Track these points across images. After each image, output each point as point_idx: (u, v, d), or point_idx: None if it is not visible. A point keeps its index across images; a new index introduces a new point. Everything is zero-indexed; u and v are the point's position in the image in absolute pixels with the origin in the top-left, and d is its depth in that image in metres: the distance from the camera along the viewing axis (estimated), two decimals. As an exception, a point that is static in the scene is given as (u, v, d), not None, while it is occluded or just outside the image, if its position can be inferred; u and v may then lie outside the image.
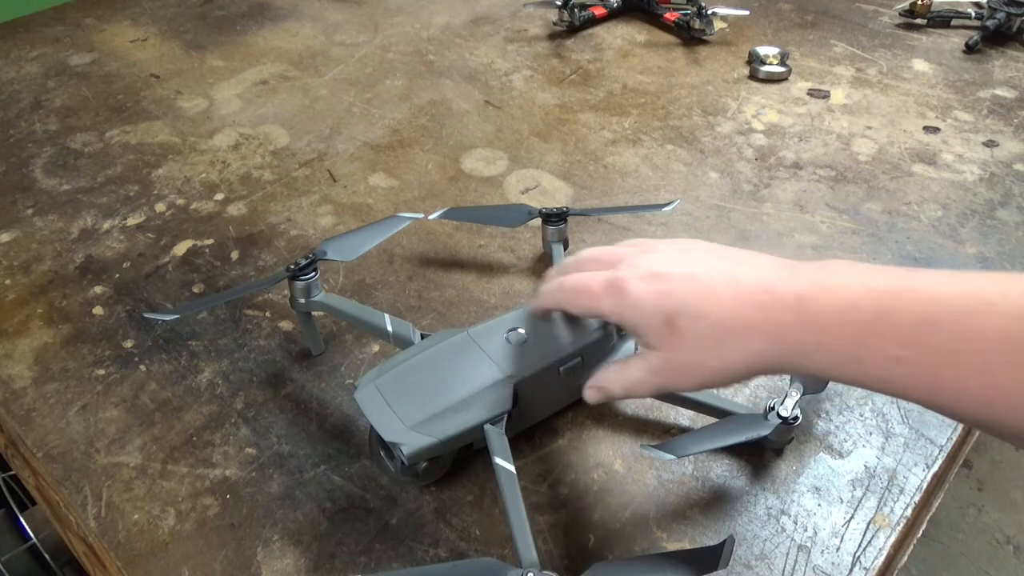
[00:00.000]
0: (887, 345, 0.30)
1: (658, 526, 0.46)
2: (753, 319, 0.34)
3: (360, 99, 0.87)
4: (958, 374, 0.28)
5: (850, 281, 0.32)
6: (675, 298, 0.37)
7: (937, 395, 0.30)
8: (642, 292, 0.38)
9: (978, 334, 0.28)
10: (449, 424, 0.43)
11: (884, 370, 0.31)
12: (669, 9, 1.01)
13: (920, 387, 0.30)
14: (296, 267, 0.53)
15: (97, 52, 0.98)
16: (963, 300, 0.29)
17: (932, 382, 0.29)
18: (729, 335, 0.35)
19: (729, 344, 0.35)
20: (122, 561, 0.45)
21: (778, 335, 0.34)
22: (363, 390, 0.45)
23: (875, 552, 0.44)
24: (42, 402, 0.54)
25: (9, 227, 0.70)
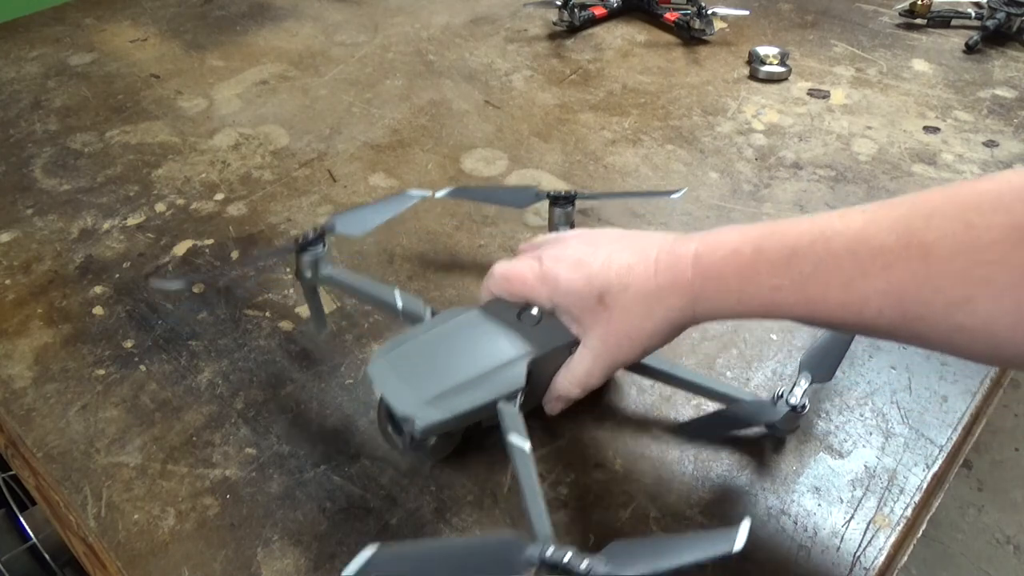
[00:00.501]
0: (766, 278, 0.37)
1: (658, 526, 0.46)
2: (664, 281, 0.41)
3: (360, 99, 0.88)
4: (824, 289, 0.35)
5: (732, 235, 0.39)
6: (600, 279, 0.43)
7: (813, 310, 0.36)
8: (571, 280, 0.44)
9: (830, 254, 0.35)
10: (463, 400, 0.43)
11: (768, 299, 0.37)
12: (669, 9, 1.01)
13: (798, 306, 0.36)
14: (304, 240, 0.52)
15: (97, 52, 0.98)
16: (816, 231, 0.36)
17: (805, 300, 0.36)
18: (651, 299, 0.41)
19: (653, 306, 0.41)
20: (122, 561, 0.45)
21: (685, 290, 0.40)
22: (376, 363, 0.45)
23: (875, 552, 0.44)
24: (42, 402, 0.54)
25: (9, 227, 0.70)
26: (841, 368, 0.55)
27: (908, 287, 0.32)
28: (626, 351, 0.43)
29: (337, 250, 0.66)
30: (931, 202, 0.33)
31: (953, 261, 0.31)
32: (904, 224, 0.33)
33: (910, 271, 0.32)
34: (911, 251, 0.32)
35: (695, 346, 0.56)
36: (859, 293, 0.34)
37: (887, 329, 0.34)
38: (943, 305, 0.32)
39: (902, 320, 0.33)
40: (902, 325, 0.33)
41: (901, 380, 0.54)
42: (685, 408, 0.52)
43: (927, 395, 0.53)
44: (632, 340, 0.43)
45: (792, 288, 0.36)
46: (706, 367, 0.55)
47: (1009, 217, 0.30)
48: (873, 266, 0.33)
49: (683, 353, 0.56)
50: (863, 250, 0.34)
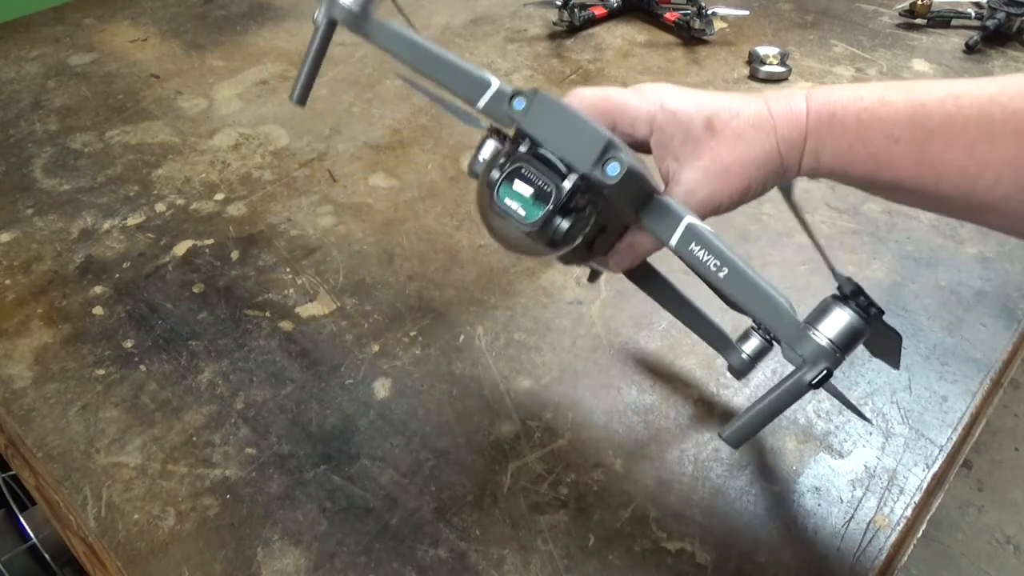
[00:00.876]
0: (886, 126, 0.35)
1: (658, 526, 0.46)
2: (779, 112, 0.38)
3: (360, 99, 0.87)
4: (944, 150, 0.33)
5: (848, 86, 0.37)
6: (709, 105, 0.39)
7: (925, 172, 0.34)
8: (680, 100, 0.39)
9: (960, 112, 0.33)
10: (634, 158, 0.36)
11: (882, 150, 0.35)
12: (669, 9, 1.01)
13: (911, 164, 0.34)
14: None
15: (97, 52, 0.98)
16: (946, 89, 0.34)
17: (921, 159, 0.34)
18: (766, 126, 0.38)
19: (765, 132, 0.38)
20: (122, 561, 0.45)
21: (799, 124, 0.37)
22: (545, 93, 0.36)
23: (875, 552, 0.44)
24: (42, 402, 0.54)
25: (9, 227, 0.70)
26: (841, 368, 0.55)
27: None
28: (727, 186, 0.39)
29: (337, 250, 0.66)
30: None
31: None
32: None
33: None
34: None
35: (695, 346, 0.56)
36: (981, 158, 0.32)
37: (995, 203, 0.33)
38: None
39: (1017, 193, 0.32)
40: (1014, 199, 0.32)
41: (901, 380, 0.54)
42: (684, 407, 0.52)
43: (927, 395, 0.53)
44: (743, 169, 0.38)
45: (910, 143, 0.34)
46: (706, 367, 0.55)
47: None
48: (1004, 130, 0.31)
49: (683, 353, 0.56)
50: (997, 113, 0.32)
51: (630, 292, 0.52)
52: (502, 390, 0.54)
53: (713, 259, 0.37)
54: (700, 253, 0.37)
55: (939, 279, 0.62)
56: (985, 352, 0.56)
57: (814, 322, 0.37)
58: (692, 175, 0.39)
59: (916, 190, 0.35)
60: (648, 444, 0.50)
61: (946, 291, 0.61)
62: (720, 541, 0.45)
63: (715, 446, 0.50)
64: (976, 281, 0.62)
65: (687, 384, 0.54)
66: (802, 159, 0.38)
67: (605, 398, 0.53)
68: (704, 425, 0.51)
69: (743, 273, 0.37)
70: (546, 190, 0.35)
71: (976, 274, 0.62)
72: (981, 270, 0.63)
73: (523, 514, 0.46)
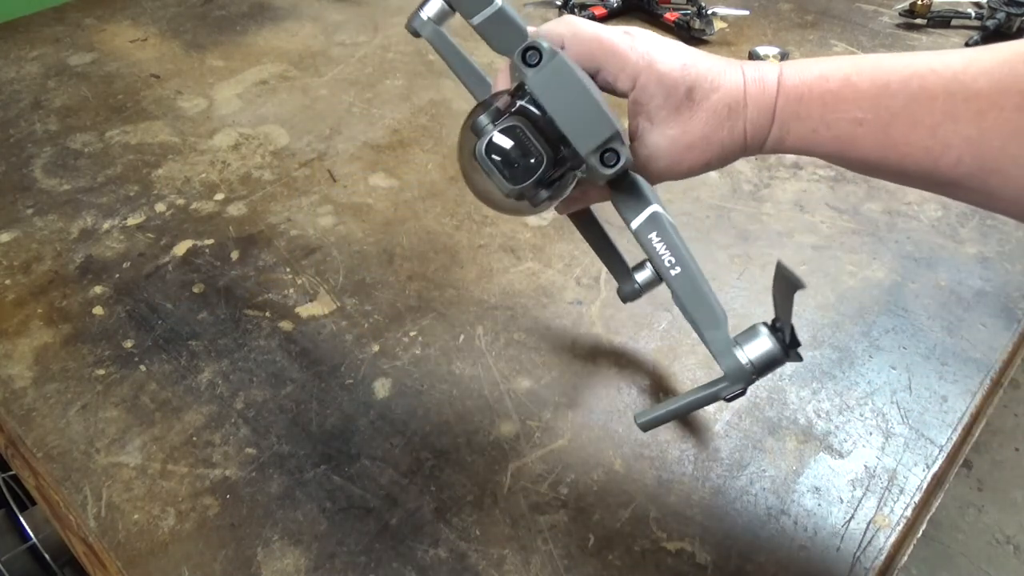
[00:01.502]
0: (851, 109, 0.35)
1: (658, 526, 0.46)
2: (752, 92, 0.38)
3: (360, 99, 0.87)
4: (908, 130, 0.33)
5: (818, 62, 0.37)
6: (694, 71, 0.38)
7: (888, 152, 0.34)
8: (669, 63, 0.38)
9: (925, 92, 0.33)
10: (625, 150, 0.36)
11: (847, 132, 0.35)
12: (669, 9, 1.01)
13: (875, 145, 0.35)
14: None
15: (97, 52, 0.98)
16: (911, 68, 0.34)
17: (885, 139, 0.34)
18: (737, 108, 0.38)
19: (737, 116, 0.38)
20: (122, 561, 0.45)
21: (768, 106, 0.37)
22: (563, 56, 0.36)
23: (875, 552, 0.44)
24: (42, 402, 0.54)
25: (9, 227, 0.70)
26: (841, 368, 0.55)
27: (996, 137, 0.31)
28: (690, 160, 0.39)
29: (337, 250, 0.66)
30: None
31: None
32: (1008, 69, 0.31)
33: (1003, 120, 0.31)
34: (1009, 99, 0.31)
35: (695, 346, 0.56)
36: (944, 139, 0.32)
37: (957, 180, 0.33)
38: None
39: (978, 172, 0.32)
40: (975, 177, 0.32)
41: (901, 380, 0.54)
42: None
43: (927, 395, 0.53)
44: (706, 147, 0.39)
45: (874, 124, 0.34)
46: (706, 367, 0.55)
47: None
48: (966, 110, 0.32)
49: (683, 353, 0.56)
50: (960, 92, 0.32)
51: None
52: (502, 390, 0.54)
53: (669, 254, 0.37)
54: (658, 244, 0.38)
55: (939, 279, 0.62)
56: (985, 352, 0.56)
57: (742, 342, 0.38)
58: (659, 141, 0.39)
59: (880, 168, 0.36)
60: (648, 444, 0.50)
61: (946, 291, 0.61)
62: (720, 541, 0.45)
63: (715, 446, 0.50)
64: (976, 281, 0.62)
65: (686, 384, 0.54)
66: (765, 143, 0.38)
67: (605, 398, 0.53)
68: (704, 425, 0.51)
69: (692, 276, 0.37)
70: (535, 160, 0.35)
71: (976, 274, 0.62)
72: (981, 270, 0.63)
73: (523, 514, 0.46)
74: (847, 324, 0.58)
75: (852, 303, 0.60)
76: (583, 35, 0.39)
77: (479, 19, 0.40)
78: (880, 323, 0.59)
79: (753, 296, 0.61)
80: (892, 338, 0.57)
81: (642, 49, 0.39)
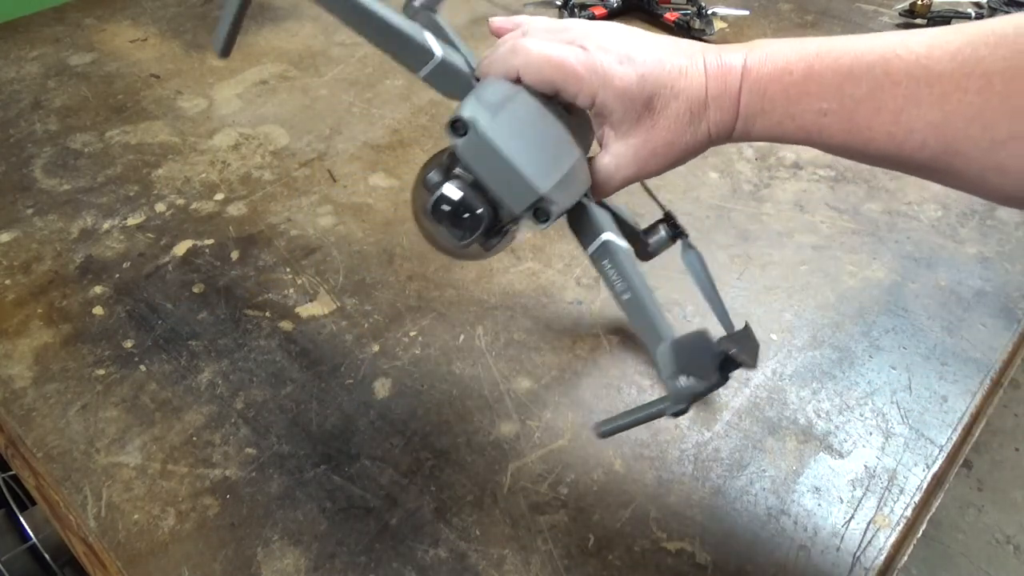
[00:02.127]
0: (815, 100, 0.35)
1: (658, 526, 0.46)
2: (714, 91, 0.37)
3: (360, 99, 0.87)
4: (873, 116, 0.33)
5: (782, 48, 0.37)
6: (652, 80, 0.38)
7: (854, 138, 0.35)
8: (624, 78, 0.38)
9: (888, 78, 0.33)
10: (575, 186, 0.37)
11: (813, 123, 0.35)
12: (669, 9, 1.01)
13: (842, 133, 0.35)
14: None
15: (97, 52, 0.98)
16: (877, 53, 0.34)
17: (851, 126, 0.34)
18: (700, 110, 0.38)
19: (699, 121, 0.38)
20: (122, 561, 0.45)
21: (733, 104, 0.37)
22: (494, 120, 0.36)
23: (875, 552, 0.44)
24: (42, 402, 0.54)
25: (9, 227, 0.70)
26: (841, 368, 0.55)
27: (958, 120, 0.31)
28: (654, 165, 0.40)
29: (337, 250, 0.66)
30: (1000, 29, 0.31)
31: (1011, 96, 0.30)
32: (970, 52, 0.31)
33: (965, 103, 0.31)
34: (970, 81, 0.31)
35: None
36: (907, 124, 0.33)
37: (922, 163, 0.33)
38: (989, 142, 0.31)
39: (942, 155, 0.32)
40: (940, 160, 0.33)
41: (901, 380, 0.54)
42: (685, 408, 0.52)
43: (927, 395, 0.53)
44: (667, 154, 0.39)
45: (840, 113, 0.34)
46: (706, 367, 0.55)
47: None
48: (929, 94, 0.32)
49: (683, 353, 0.56)
50: (923, 76, 0.32)
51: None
52: (502, 390, 0.54)
53: (619, 280, 0.38)
54: (610, 270, 0.38)
55: (939, 279, 0.62)
56: (985, 352, 0.56)
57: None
58: (623, 150, 0.39)
59: (846, 152, 0.36)
60: (648, 444, 0.50)
61: (946, 291, 0.61)
62: (720, 541, 0.45)
63: (715, 446, 0.50)
64: (976, 281, 0.62)
65: (687, 384, 0.54)
66: (731, 136, 0.38)
67: (605, 398, 0.53)
68: (704, 425, 0.51)
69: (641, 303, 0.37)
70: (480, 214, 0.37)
71: (976, 274, 0.62)
72: (981, 270, 0.63)
73: (523, 514, 0.46)
74: (847, 324, 0.59)
75: (852, 303, 0.60)
76: (533, 61, 0.38)
77: (424, 72, 0.40)
78: (880, 323, 0.59)
79: (753, 296, 0.61)
80: (892, 338, 0.57)
81: (597, 63, 0.38)
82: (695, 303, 0.59)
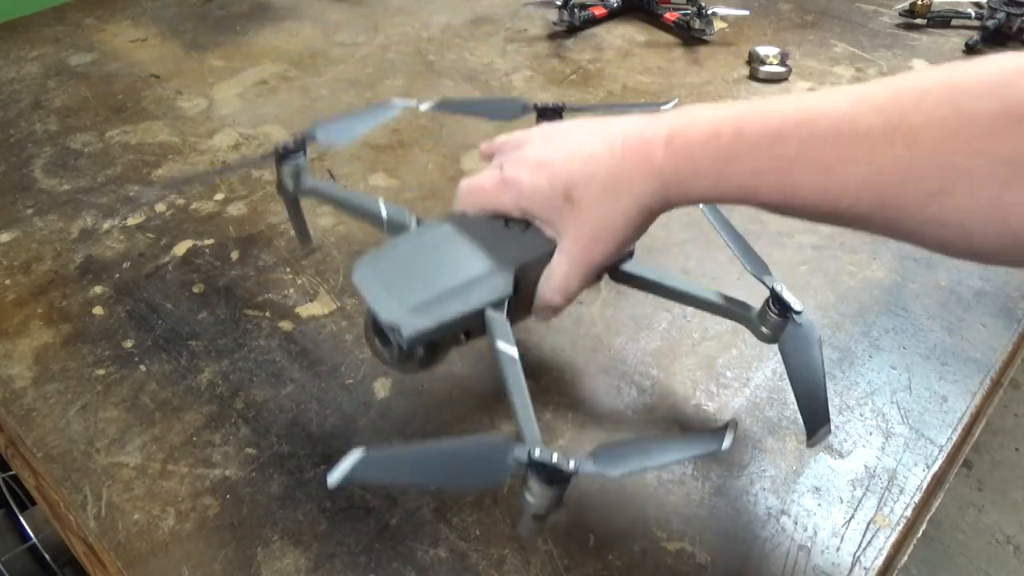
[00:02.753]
0: (747, 162, 0.35)
1: (658, 526, 0.46)
2: (631, 166, 0.39)
3: (360, 99, 0.87)
4: (804, 174, 0.34)
5: (707, 115, 0.37)
6: (563, 176, 0.41)
7: (790, 196, 0.35)
8: (535, 183, 0.42)
9: (816, 136, 0.33)
10: (449, 307, 0.41)
11: (746, 183, 0.36)
12: (669, 9, 1.01)
13: (776, 192, 0.35)
14: (285, 148, 0.51)
15: (97, 52, 0.98)
16: (803, 112, 0.34)
17: (783, 186, 0.35)
18: (619, 185, 0.39)
19: (621, 194, 0.39)
20: (122, 561, 0.45)
21: (657, 173, 0.38)
22: (361, 271, 0.43)
23: (875, 552, 0.44)
24: (42, 402, 0.54)
25: (9, 227, 0.70)
26: (841, 368, 0.55)
27: (889, 175, 0.31)
28: (600, 247, 0.41)
29: (337, 250, 0.66)
30: (925, 83, 0.31)
31: (937, 149, 0.30)
32: (894, 106, 0.31)
33: (893, 157, 0.31)
34: (897, 136, 0.31)
35: (695, 346, 0.56)
36: (839, 179, 0.33)
37: (860, 218, 0.34)
38: (922, 195, 0.30)
39: (878, 209, 0.32)
40: (877, 214, 0.33)
41: (901, 380, 0.54)
42: (685, 407, 0.52)
43: (927, 395, 0.53)
44: (606, 233, 0.41)
45: (772, 173, 0.35)
46: (706, 367, 0.55)
47: (999, 103, 0.28)
48: (858, 150, 0.32)
49: (683, 353, 0.56)
50: (849, 133, 0.32)
51: (630, 292, 0.52)
52: (502, 390, 0.54)
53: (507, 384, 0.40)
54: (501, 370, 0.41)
55: (939, 279, 0.62)
56: (985, 352, 0.56)
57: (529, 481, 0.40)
58: (568, 245, 0.42)
59: (786, 210, 0.36)
60: (648, 444, 0.50)
61: (946, 291, 0.61)
62: (720, 541, 0.45)
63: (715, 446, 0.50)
64: (976, 281, 0.62)
65: (687, 383, 0.54)
66: (669, 202, 0.39)
67: (605, 398, 0.53)
68: (704, 425, 0.51)
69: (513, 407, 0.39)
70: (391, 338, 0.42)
71: (976, 274, 0.62)
72: (981, 270, 0.63)
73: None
74: (847, 324, 0.59)
75: (852, 303, 0.60)
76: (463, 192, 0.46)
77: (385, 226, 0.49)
78: (880, 323, 0.59)
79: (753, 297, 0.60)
80: (892, 338, 0.57)
81: (509, 178, 0.43)
82: (695, 303, 0.59)
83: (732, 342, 0.57)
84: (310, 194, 0.52)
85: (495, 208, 0.44)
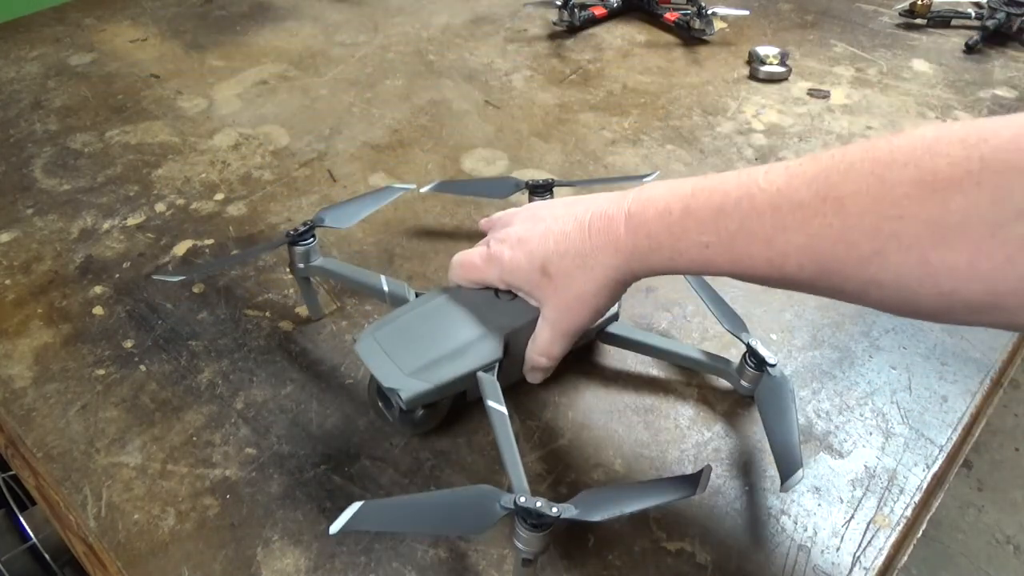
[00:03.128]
0: (695, 235, 0.38)
1: (658, 526, 0.46)
2: (599, 242, 0.43)
3: (360, 99, 0.88)
4: (748, 246, 0.36)
5: (662, 192, 0.41)
6: (539, 253, 0.45)
7: (740, 266, 0.37)
8: (514, 259, 0.47)
9: (755, 210, 0.36)
10: (444, 371, 0.45)
11: (699, 255, 0.39)
12: (669, 9, 1.01)
13: (725, 262, 0.38)
14: (295, 233, 0.55)
15: (97, 52, 0.98)
16: (743, 188, 0.37)
17: (732, 256, 0.37)
18: (588, 260, 0.43)
19: (590, 268, 0.43)
20: (122, 561, 0.45)
21: (619, 249, 0.42)
22: (363, 342, 0.47)
23: (875, 552, 0.44)
24: (42, 402, 0.54)
25: (9, 227, 0.70)
26: (841, 368, 0.55)
27: (824, 242, 0.33)
28: (576, 314, 0.45)
29: (337, 250, 0.66)
30: (850, 156, 0.33)
31: (864, 216, 0.32)
32: (823, 179, 0.34)
33: (826, 225, 0.33)
34: (827, 205, 0.33)
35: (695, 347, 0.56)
36: (780, 248, 0.35)
37: (807, 283, 0.35)
38: (857, 259, 0.32)
39: (820, 274, 0.34)
40: (821, 279, 0.35)
41: (901, 380, 0.54)
42: (684, 407, 0.52)
43: (927, 395, 0.53)
44: (580, 303, 0.45)
45: (720, 245, 0.37)
46: (706, 367, 0.55)
47: (917, 171, 0.30)
48: (793, 221, 0.34)
49: (683, 353, 0.56)
50: (784, 205, 0.35)
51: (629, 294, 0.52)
52: (502, 390, 0.54)
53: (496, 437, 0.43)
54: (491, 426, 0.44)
55: (939, 279, 0.62)
56: (985, 352, 0.56)
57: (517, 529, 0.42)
58: (549, 313, 0.46)
59: (737, 277, 0.39)
60: (648, 444, 0.50)
61: (946, 291, 0.61)
62: (720, 541, 0.45)
63: (715, 446, 0.50)
64: (976, 281, 0.62)
65: (687, 384, 0.54)
66: (635, 273, 0.42)
67: (605, 398, 0.53)
68: (704, 425, 0.51)
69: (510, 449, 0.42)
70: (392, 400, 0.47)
71: (976, 274, 0.62)
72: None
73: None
74: (847, 324, 0.59)
75: (852, 303, 0.60)
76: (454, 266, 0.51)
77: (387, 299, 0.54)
78: (880, 323, 0.59)
79: (753, 296, 0.61)
80: (892, 338, 0.57)
81: (494, 254, 0.48)
82: (695, 303, 0.59)
83: (732, 342, 0.57)
84: (319, 273, 0.56)
85: (482, 281, 0.49)
